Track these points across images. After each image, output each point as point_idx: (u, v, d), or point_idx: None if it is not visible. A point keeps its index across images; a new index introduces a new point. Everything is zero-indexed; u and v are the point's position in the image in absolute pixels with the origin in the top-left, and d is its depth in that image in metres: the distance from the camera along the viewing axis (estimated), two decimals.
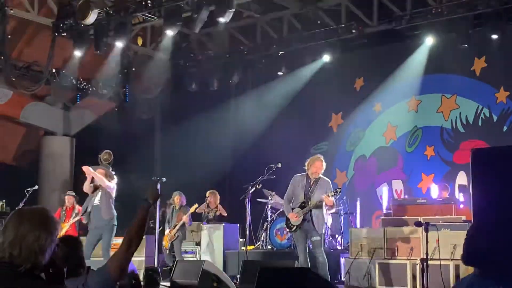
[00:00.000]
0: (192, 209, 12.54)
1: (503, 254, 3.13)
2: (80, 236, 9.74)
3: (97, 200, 10.36)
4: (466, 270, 8.84)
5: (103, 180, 10.25)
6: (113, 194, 10.42)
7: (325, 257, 9.43)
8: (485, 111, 12.76)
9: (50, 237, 2.97)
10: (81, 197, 13.78)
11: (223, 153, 15.50)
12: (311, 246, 9.88)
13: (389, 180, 13.85)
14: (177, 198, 12.74)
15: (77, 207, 12.88)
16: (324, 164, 9.59)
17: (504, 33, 11.77)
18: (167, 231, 12.64)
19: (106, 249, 10.18)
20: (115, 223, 10.32)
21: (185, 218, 12.42)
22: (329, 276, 9.49)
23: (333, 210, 10.99)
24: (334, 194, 9.44)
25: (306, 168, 9.61)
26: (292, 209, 9.58)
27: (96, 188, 10.47)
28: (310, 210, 9.36)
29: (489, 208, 5.47)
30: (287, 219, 9.69)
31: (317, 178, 9.49)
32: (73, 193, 13.44)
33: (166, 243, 12.62)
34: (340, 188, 9.85)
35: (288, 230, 10.16)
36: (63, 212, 12.84)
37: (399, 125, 13.90)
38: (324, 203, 9.38)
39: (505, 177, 5.85)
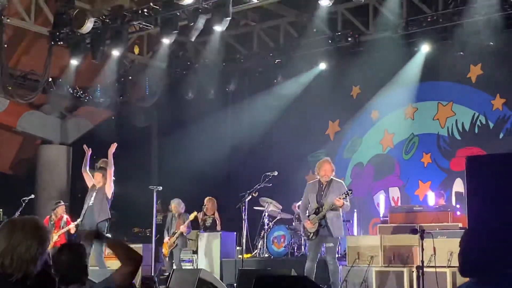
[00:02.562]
0: (191, 217, 12.52)
1: (498, 262, 3.12)
2: None
3: (91, 200, 10.20)
4: (463, 277, 8.84)
5: (111, 165, 10.12)
6: (110, 195, 10.23)
7: (337, 265, 9.30)
8: (481, 118, 12.77)
9: (41, 247, 2.98)
10: (76, 206, 13.78)
11: (219, 161, 15.48)
12: (323, 253, 9.77)
13: (386, 187, 13.85)
14: (174, 207, 12.71)
15: (66, 216, 12.84)
16: (333, 166, 9.48)
17: (499, 40, 11.80)
18: (166, 239, 12.62)
19: (98, 257, 9.93)
20: (106, 227, 10.07)
21: (183, 227, 12.39)
22: (339, 285, 9.35)
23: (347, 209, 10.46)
24: (345, 197, 9.28)
25: (316, 173, 9.52)
26: (308, 216, 9.43)
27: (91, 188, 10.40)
28: (324, 215, 9.26)
29: (483, 214, 5.48)
30: (304, 228, 9.58)
31: (329, 181, 9.35)
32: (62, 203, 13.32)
33: (165, 250, 12.60)
34: (351, 190, 9.50)
35: (306, 238, 10.05)
36: (52, 222, 12.74)
37: (396, 133, 13.91)
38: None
39: (500, 184, 5.87)
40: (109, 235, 10.25)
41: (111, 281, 3.42)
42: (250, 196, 11.03)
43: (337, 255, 11.81)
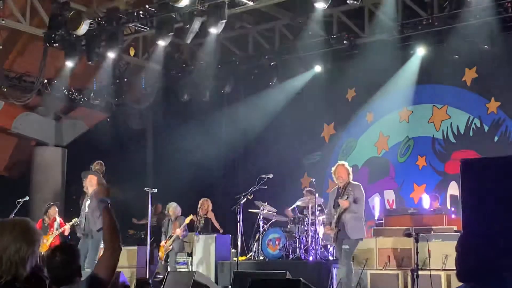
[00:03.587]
0: (187, 220, 12.53)
1: (495, 266, 3.12)
2: None
3: (86, 207, 10.26)
4: (457, 281, 8.84)
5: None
6: None
7: (351, 267, 9.13)
8: (476, 122, 12.80)
9: (31, 249, 2.95)
10: (71, 208, 13.74)
11: (214, 164, 15.49)
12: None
13: (381, 190, 13.86)
14: (172, 210, 12.72)
15: (59, 218, 12.80)
16: (348, 168, 9.39)
17: (494, 44, 11.82)
18: (163, 242, 12.62)
19: (92, 257, 10.00)
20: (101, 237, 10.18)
21: (179, 230, 12.39)
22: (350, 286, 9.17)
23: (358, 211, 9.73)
24: (347, 197, 9.16)
25: (334, 178, 9.48)
26: (330, 223, 9.38)
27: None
28: (340, 218, 9.15)
29: (478, 218, 5.47)
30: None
31: (346, 184, 9.28)
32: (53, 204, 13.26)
33: (162, 254, 12.60)
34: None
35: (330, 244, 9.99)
36: (45, 224, 12.67)
37: (391, 135, 13.93)
38: (360, 206, 9.14)
39: (495, 187, 5.86)
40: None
41: (95, 278, 3.40)
42: (245, 199, 11.02)
43: (332, 258, 11.85)
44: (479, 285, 3.15)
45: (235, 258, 11.47)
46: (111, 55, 13.46)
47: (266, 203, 12.69)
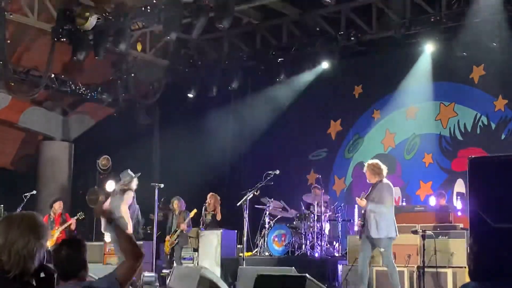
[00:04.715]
0: (191, 214, 12.55)
1: (506, 265, 3.11)
2: None
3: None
4: (464, 278, 8.84)
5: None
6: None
7: (393, 267, 8.98)
8: (483, 119, 12.77)
9: (39, 243, 2.96)
10: (78, 202, 13.78)
11: (221, 159, 15.50)
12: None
13: None
14: (176, 204, 12.77)
15: (64, 213, 12.85)
16: (377, 167, 9.16)
17: (502, 41, 11.78)
18: (167, 237, 12.66)
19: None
20: None
21: (183, 225, 12.42)
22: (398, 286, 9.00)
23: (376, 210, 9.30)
24: (362, 196, 9.15)
25: None
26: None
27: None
28: (364, 217, 9.09)
29: (485, 216, 5.46)
30: None
31: (377, 182, 9.16)
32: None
33: (167, 248, 12.64)
34: (364, 191, 9.34)
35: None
36: (51, 219, 12.70)
37: (398, 133, 13.91)
38: (381, 205, 8.99)
39: (502, 185, 5.84)
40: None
41: (113, 277, 3.43)
42: (252, 194, 11.03)
43: (338, 255, 11.84)
44: (491, 284, 3.14)
45: (240, 254, 11.49)
46: (118, 50, 13.46)
47: (272, 199, 12.70)
